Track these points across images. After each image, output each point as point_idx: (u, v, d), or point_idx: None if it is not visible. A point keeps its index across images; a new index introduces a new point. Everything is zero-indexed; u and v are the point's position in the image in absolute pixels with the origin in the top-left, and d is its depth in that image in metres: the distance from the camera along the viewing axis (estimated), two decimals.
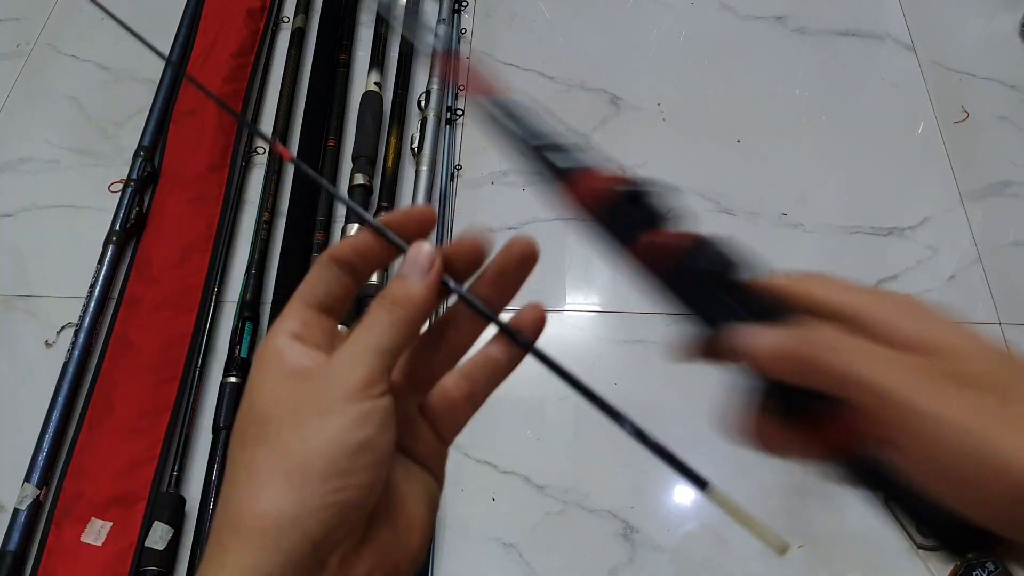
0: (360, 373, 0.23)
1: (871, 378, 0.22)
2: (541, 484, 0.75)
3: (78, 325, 0.83)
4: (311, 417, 0.23)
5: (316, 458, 0.22)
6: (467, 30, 1.07)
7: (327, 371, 0.24)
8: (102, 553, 0.71)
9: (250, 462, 0.23)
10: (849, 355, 0.23)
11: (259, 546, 0.21)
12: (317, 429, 0.22)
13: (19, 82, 1.05)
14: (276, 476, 0.22)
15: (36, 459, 0.76)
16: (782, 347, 0.24)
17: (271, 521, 0.21)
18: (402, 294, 0.25)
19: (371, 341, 0.24)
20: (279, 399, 0.23)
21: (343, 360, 0.24)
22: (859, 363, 0.22)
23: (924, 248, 0.89)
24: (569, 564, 0.72)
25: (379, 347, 0.24)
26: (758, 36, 1.06)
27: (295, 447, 0.22)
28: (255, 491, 0.22)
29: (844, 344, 0.23)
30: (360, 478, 0.22)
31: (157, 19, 1.07)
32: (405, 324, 0.25)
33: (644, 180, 0.28)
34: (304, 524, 0.21)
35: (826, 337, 0.23)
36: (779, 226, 0.91)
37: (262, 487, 0.22)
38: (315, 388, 0.23)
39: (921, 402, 0.21)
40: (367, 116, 0.96)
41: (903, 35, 1.05)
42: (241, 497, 0.22)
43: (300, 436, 0.22)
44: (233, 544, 0.21)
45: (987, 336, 0.23)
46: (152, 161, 0.94)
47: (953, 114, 0.98)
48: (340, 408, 0.23)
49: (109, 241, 0.88)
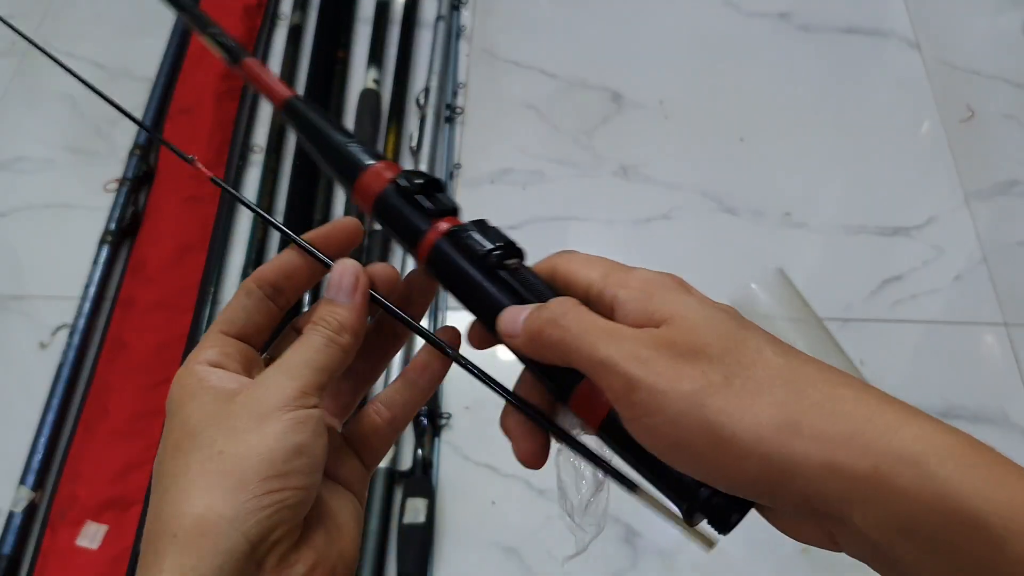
0: (295, 385, 0.24)
1: (599, 352, 0.22)
2: (542, 488, 0.74)
3: (73, 326, 0.83)
4: (247, 424, 0.23)
5: (254, 460, 0.22)
6: (467, 27, 1.06)
7: (260, 384, 0.24)
8: (98, 556, 0.70)
9: (184, 470, 0.23)
10: (577, 330, 0.23)
11: (197, 548, 0.21)
12: (253, 434, 0.23)
13: (13, 80, 1.04)
14: (211, 480, 0.22)
15: (31, 461, 0.75)
16: (522, 327, 0.25)
17: (209, 524, 0.21)
18: (332, 319, 0.26)
19: (305, 357, 0.25)
20: (211, 413, 0.24)
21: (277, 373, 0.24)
22: (586, 337, 0.23)
23: (930, 248, 0.88)
24: (571, 569, 0.71)
25: (313, 363, 0.25)
26: (761, 33, 1.05)
27: (231, 451, 0.22)
28: (190, 496, 0.22)
29: (572, 319, 0.23)
30: (296, 480, 0.23)
31: (153, 16, 1.06)
32: (338, 346, 0.25)
33: (420, 174, 0.28)
34: (242, 525, 0.21)
35: (557, 313, 0.24)
36: (783, 226, 0.90)
37: (197, 491, 0.22)
38: (249, 400, 0.24)
39: (648, 376, 0.22)
40: (365, 114, 0.95)
41: (908, 33, 1.04)
42: (175, 503, 0.22)
43: (236, 442, 0.23)
44: (170, 550, 0.21)
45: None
46: (147, 160, 0.94)
47: (958, 112, 0.97)
48: (275, 415, 0.23)
49: (104, 241, 0.87)
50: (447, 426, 0.77)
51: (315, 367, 0.25)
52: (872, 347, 0.81)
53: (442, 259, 0.27)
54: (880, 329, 0.83)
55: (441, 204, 0.28)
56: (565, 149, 0.96)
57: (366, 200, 0.28)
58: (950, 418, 0.78)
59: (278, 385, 0.24)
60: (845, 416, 0.20)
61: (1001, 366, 0.80)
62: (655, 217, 0.91)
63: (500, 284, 0.26)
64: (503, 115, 0.99)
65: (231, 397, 0.24)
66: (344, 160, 0.28)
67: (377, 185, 0.27)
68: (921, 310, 0.84)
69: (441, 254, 0.27)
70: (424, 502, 0.70)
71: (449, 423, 0.77)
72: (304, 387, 0.24)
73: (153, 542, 0.22)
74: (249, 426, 0.23)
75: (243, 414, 0.23)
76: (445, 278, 0.27)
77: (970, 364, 0.81)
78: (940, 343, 0.82)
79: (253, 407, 0.23)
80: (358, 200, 0.28)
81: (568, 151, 0.96)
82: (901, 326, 0.84)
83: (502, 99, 1.01)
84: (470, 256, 0.26)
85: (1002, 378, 0.80)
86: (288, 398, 0.24)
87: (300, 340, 0.26)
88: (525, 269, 0.27)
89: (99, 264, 0.86)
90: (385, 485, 0.72)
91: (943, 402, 0.78)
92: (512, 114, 0.99)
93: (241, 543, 0.21)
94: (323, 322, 0.26)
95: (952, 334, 0.83)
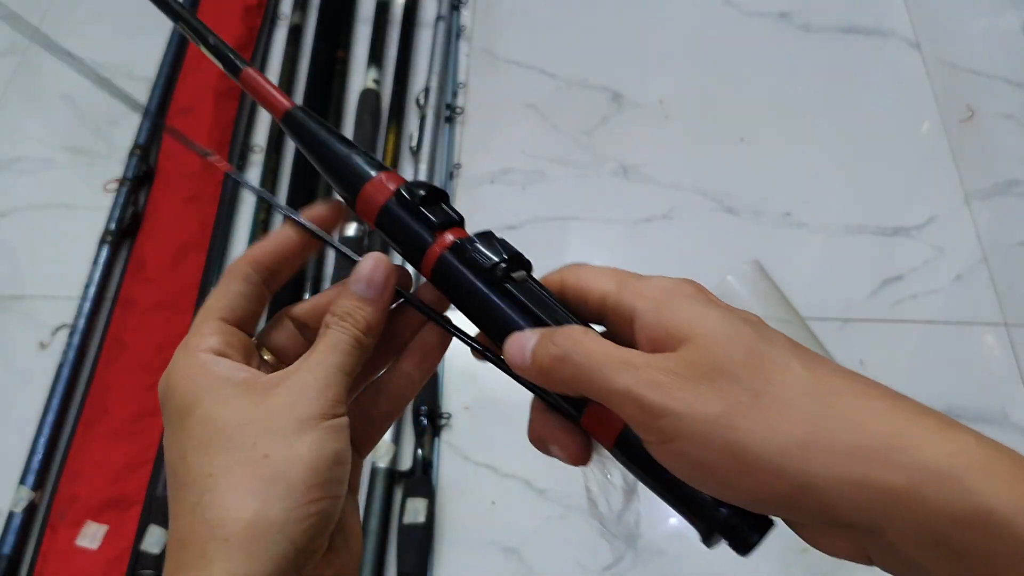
0: (331, 392, 0.24)
1: (616, 385, 0.22)
2: (542, 488, 0.74)
3: (73, 326, 0.82)
4: (289, 429, 0.23)
5: (300, 467, 0.22)
6: (467, 27, 1.06)
7: (297, 387, 0.24)
8: (98, 556, 0.70)
9: (224, 470, 0.22)
10: (590, 364, 0.22)
11: (249, 553, 0.21)
12: (298, 440, 0.22)
13: (12, 80, 1.04)
14: (260, 484, 0.22)
15: (31, 461, 0.75)
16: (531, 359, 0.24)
17: (260, 529, 0.21)
18: (360, 317, 0.25)
19: (337, 361, 0.24)
20: (243, 410, 0.23)
21: (312, 377, 0.24)
22: (602, 371, 0.22)
23: (930, 248, 0.88)
24: (570, 569, 0.71)
25: (343, 367, 0.24)
26: (761, 33, 1.05)
27: (277, 456, 0.22)
28: (238, 499, 0.22)
29: (583, 352, 0.23)
30: (335, 489, 0.23)
31: (152, 15, 1.06)
32: (363, 345, 0.25)
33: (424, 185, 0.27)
34: (291, 532, 0.21)
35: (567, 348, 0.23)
36: (783, 226, 0.90)
37: (247, 495, 0.22)
38: (287, 403, 0.23)
39: (670, 403, 0.21)
40: (365, 114, 0.95)
41: (908, 32, 1.04)
42: (222, 506, 0.22)
43: (280, 446, 0.22)
44: (220, 553, 0.21)
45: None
46: (147, 160, 0.93)
47: (958, 112, 0.97)
48: (316, 423, 0.23)
49: (104, 241, 0.87)
50: (447, 426, 0.77)
51: (345, 371, 0.24)
52: (872, 347, 0.81)
53: (447, 273, 0.26)
54: (880, 329, 0.83)
55: (446, 215, 0.27)
56: (565, 149, 0.96)
57: (370, 212, 0.27)
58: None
59: (316, 391, 0.24)
60: (878, 430, 0.20)
61: (1001, 366, 0.80)
62: (655, 217, 0.91)
63: (508, 299, 0.25)
64: (503, 115, 0.99)
65: (259, 395, 0.24)
66: (346, 172, 0.27)
67: (380, 197, 0.26)
68: (921, 310, 0.84)
69: (446, 267, 0.26)
70: (424, 502, 0.70)
71: (449, 423, 0.77)
72: (338, 395, 0.24)
73: (198, 543, 0.21)
74: (292, 430, 0.23)
75: (283, 418, 0.23)
76: (451, 293, 0.26)
77: (970, 364, 0.81)
78: (940, 343, 0.82)
79: (293, 412, 0.23)
80: (361, 212, 0.27)
81: (568, 151, 0.96)
82: (901, 326, 0.84)
83: (502, 99, 1.00)
84: (476, 270, 0.25)
85: (1002, 378, 0.80)
86: (327, 405, 0.23)
87: (328, 338, 0.25)
88: (534, 282, 0.26)
89: (99, 264, 0.86)
90: (385, 485, 0.72)
91: (943, 402, 0.78)
92: (512, 114, 0.99)
93: (290, 551, 0.21)
94: (351, 319, 0.25)
95: (952, 334, 0.83)
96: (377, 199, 0.27)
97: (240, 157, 0.95)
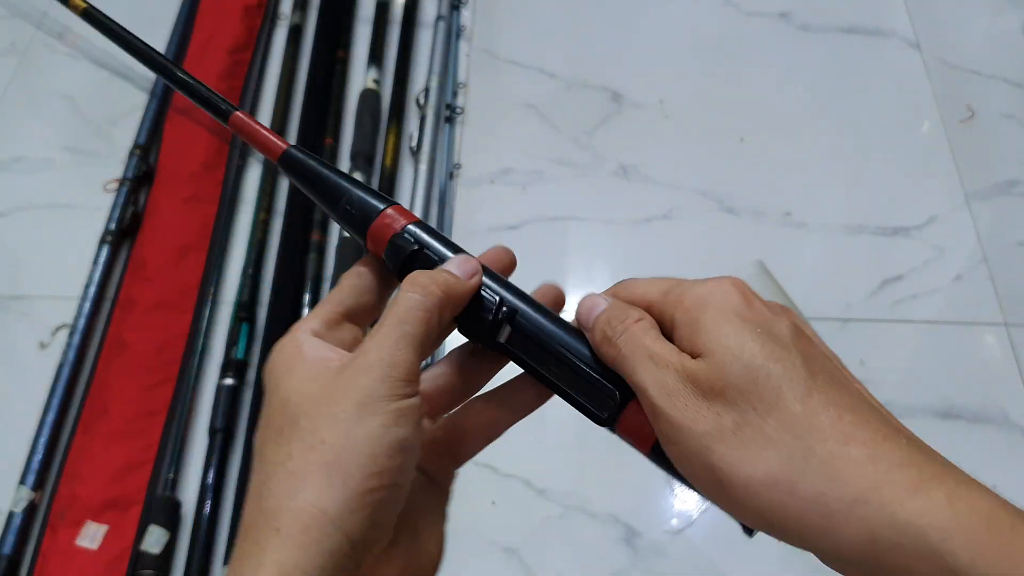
0: (398, 371, 0.22)
1: (636, 377, 0.23)
2: (542, 488, 0.74)
3: (72, 326, 0.82)
4: (349, 412, 0.22)
5: (356, 454, 0.21)
6: (467, 27, 1.06)
7: (359, 364, 0.23)
8: (98, 556, 0.70)
9: (286, 457, 0.22)
10: (625, 351, 0.23)
11: (300, 544, 0.20)
12: (357, 424, 0.22)
13: (13, 80, 1.04)
14: (315, 472, 0.21)
15: (31, 462, 0.75)
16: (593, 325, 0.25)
17: (312, 518, 0.20)
18: (440, 278, 0.24)
19: (405, 330, 0.23)
20: (311, 392, 0.22)
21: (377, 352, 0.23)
22: (630, 360, 0.23)
23: (930, 248, 0.88)
24: (570, 569, 0.71)
25: (412, 337, 0.23)
26: (761, 33, 1.05)
27: (334, 442, 0.21)
28: (294, 487, 0.21)
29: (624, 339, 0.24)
30: (396, 477, 0.22)
31: (152, 15, 1.06)
32: (437, 311, 0.24)
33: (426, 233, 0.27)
34: (345, 523, 0.21)
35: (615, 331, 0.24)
36: (783, 226, 0.90)
37: (301, 483, 0.21)
38: (349, 382, 0.22)
39: (673, 411, 0.22)
40: (365, 114, 0.95)
41: (908, 32, 1.04)
42: (277, 495, 0.21)
43: (339, 432, 0.21)
44: (272, 542, 0.20)
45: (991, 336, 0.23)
46: (147, 160, 0.93)
47: (958, 112, 0.97)
48: (378, 405, 0.22)
49: (104, 241, 0.87)
50: None
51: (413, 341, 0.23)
52: (872, 347, 0.81)
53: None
54: (880, 329, 0.83)
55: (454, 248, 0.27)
56: (565, 149, 0.96)
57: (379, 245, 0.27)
58: (950, 418, 0.78)
59: (381, 370, 0.22)
60: (849, 480, 0.19)
61: (1001, 366, 0.80)
62: (655, 217, 0.91)
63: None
64: (503, 115, 0.99)
65: (333, 373, 0.23)
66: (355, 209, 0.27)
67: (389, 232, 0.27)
68: (921, 310, 0.84)
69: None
70: None
71: None
72: (407, 372, 0.23)
73: (254, 531, 0.21)
74: (352, 414, 0.22)
75: (345, 400, 0.22)
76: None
77: (970, 364, 0.81)
78: (940, 343, 0.82)
79: (355, 393, 0.22)
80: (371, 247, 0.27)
81: (568, 151, 0.96)
82: (901, 326, 0.84)
83: (502, 99, 1.00)
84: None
85: (1002, 378, 0.80)
86: (392, 385, 0.22)
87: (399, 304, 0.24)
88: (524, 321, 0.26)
89: (99, 264, 0.86)
90: None
91: (943, 402, 0.78)
92: (512, 114, 0.99)
93: (344, 543, 0.21)
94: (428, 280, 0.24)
95: (952, 334, 0.83)
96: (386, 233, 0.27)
97: (240, 157, 0.95)
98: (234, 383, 0.78)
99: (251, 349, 0.81)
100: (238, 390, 0.78)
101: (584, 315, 0.25)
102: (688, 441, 0.21)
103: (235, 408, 0.77)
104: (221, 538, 0.72)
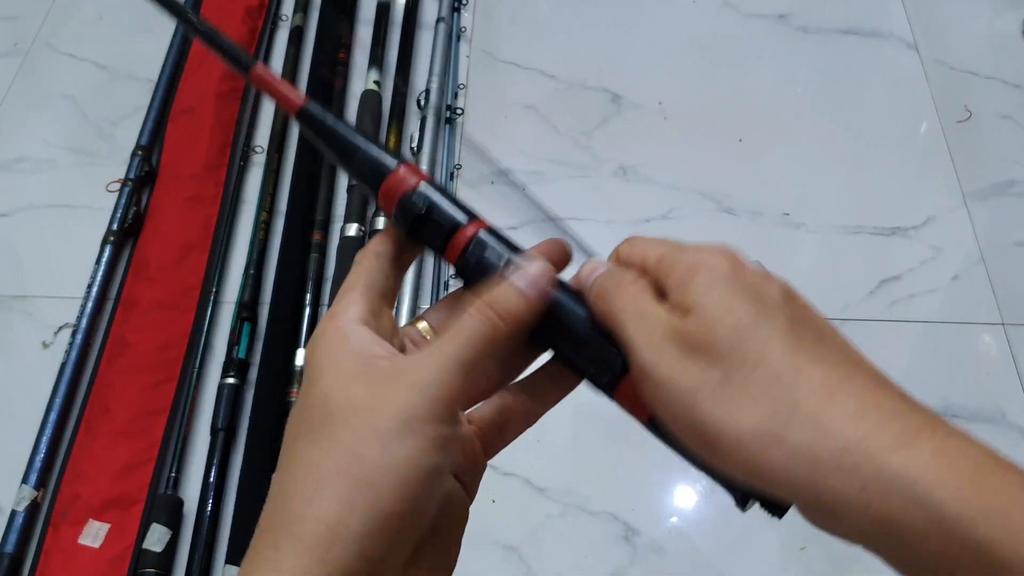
0: (446, 393, 0.22)
1: (625, 333, 0.23)
2: (542, 486, 0.74)
3: (75, 326, 0.83)
4: (391, 429, 0.21)
5: (392, 476, 0.21)
6: (467, 28, 1.07)
7: (412, 378, 0.22)
8: (100, 555, 0.71)
9: (317, 462, 0.21)
10: (615, 308, 0.23)
11: (317, 557, 0.20)
12: (396, 444, 0.21)
13: (16, 81, 1.05)
14: (345, 486, 0.20)
15: (33, 460, 0.76)
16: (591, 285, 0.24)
17: (336, 535, 0.20)
18: (504, 307, 0.23)
19: (458, 353, 0.22)
20: (354, 395, 0.22)
21: (427, 369, 0.22)
22: (621, 316, 0.23)
23: (928, 248, 0.88)
24: (570, 567, 0.72)
25: (465, 361, 0.22)
26: (760, 34, 1.06)
27: (371, 459, 0.21)
28: (320, 496, 0.20)
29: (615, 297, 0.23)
30: (424, 504, 0.21)
31: (153, 17, 1.06)
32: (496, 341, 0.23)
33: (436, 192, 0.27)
34: (367, 544, 0.20)
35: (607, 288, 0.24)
36: (781, 226, 0.90)
37: (328, 492, 0.20)
38: (396, 395, 0.22)
39: (656, 365, 0.21)
40: (366, 115, 0.95)
41: (906, 34, 1.05)
42: (303, 500, 0.21)
43: (376, 448, 0.21)
44: (291, 551, 0.20)
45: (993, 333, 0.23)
46: (149, 160, 0.94)
47: (956, 113, 0.98)
48: (423, 428, 0.21)
49: (106, 241, 0.87)
50: None
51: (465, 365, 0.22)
52: (870, 347, 0.80)
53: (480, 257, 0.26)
54: (878, 329, 0.84)
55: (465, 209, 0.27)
56: (565, 149, 0.97)
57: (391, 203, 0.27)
58: (948, 417, 0.78)
59: (430, 391, 0.22)
60: (837, 432, 0.19)
61: (999, 366, 0.81)
62: (654, 217, 0.91)
63: None
64: (503, 116, 1.00)
65: (378, 380, 0.22)
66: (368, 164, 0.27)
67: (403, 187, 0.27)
68: (919, 310, 0.85)
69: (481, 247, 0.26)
70: None
71: None
72: (453, 395, 0.22)
73: (274, 532, 0.21)
74: (394, 433, 0.21)
75: (388, 415, 0.21)
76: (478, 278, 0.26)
77: (968, 364, 0.81)
78: (938, 343, 0.83)
79: (399, 411, 0.21)
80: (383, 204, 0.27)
81: (568, 151, 0.96)
82: (899, 326, 0.84)
83: (502, 100, 1.01)
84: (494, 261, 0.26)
85: (1000, 378, 0.80)
86: (438, 408, 0.21)
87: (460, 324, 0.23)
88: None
89: (101, 264, 0.86)
90: None
91: (941, 402, 0.79)
92: (512, 115, 1.00)
93: (362, 562, 0.20)
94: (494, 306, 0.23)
95: (950, 334, 0.83)
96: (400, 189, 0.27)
97: (242, 158, 0.95)
98: (236, 382, 0.78)
99: (253, 348, 0.82)
100: (240, 389, 0.79)
101: (584, 277, 0.25)
102: (673, 399, 0.21)
103: (237, 407, 0.78)
104: (223, 536, 0.72)
